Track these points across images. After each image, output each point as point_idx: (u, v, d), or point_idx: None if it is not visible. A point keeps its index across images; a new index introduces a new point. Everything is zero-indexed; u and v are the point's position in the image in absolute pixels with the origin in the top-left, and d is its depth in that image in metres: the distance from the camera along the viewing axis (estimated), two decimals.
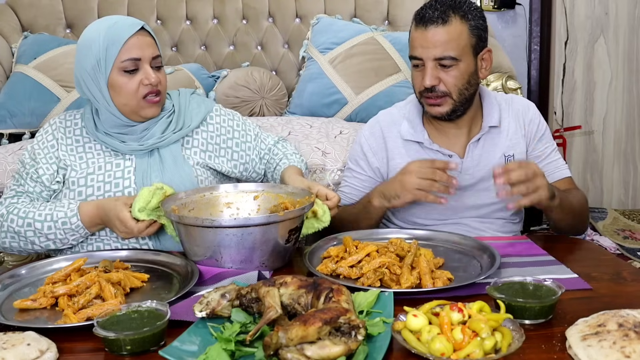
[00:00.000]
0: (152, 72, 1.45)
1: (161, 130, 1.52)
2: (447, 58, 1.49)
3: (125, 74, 1.44)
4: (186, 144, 1.57)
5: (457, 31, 1.49)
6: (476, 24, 1.52)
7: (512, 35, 3.28)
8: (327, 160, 2.10)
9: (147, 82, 1.44)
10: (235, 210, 1.41)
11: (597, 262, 1.30)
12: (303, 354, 0.82)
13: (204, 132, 1.60)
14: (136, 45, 1.44)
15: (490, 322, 0.87)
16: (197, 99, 1.65)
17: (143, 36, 1.46)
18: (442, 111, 1.55)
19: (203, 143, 1.59)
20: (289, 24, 2.88)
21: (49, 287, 1.12)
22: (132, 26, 1.44)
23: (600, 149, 3.55)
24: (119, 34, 1.43)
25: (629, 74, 3.48)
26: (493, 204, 1.62)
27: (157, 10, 2.86)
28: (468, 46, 1.51)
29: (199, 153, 1.57)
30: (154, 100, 1.48)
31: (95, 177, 1.48)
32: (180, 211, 1.32)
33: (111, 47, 1.42)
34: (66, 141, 1.53)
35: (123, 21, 1.46)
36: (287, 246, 1.26)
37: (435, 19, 1.49)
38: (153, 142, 1.50)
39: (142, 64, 1.45)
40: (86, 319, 1.03)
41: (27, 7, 2.81)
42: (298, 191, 1.38)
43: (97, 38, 1.43)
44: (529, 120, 1.65)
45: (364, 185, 1.69)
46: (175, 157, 1.53)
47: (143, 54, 1.44)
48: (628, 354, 0.82)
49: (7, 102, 2.41)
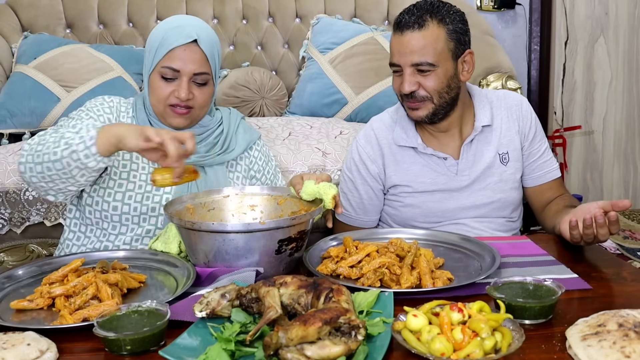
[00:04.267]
0: (186, 88, 1.43)
1: (206, 149, 1.53)
2: (425, 64, 1.48)
3: (162, 79, 1.45)
4: (230, 167, 1.59)
5: (434, 36, 1.48)
6: (455, 28, 1.50)
7: (512, 35, 3.29)
8: (327, 160, 2.10)
9: (177, 95, 1.44)
10: (259, 214, 1.40)
11: (597, 262, 1.29)
12: (303, 354, 0.82)
13: (247, 158, 1.62)
14: (181, 57, 1.43)
15: (490, 322, 0.87)
16: (245, 125, 1.66)
17: (192, 51, 1.43)
18: (421, 115, 1.54)
19: (245, 170, 1.61)
20: (289, 24, 2.88)
21: (45, 287, 1.12)
22: (185, 37, 1.43)
23: (600, 149, 3.55)
24: (170, 39, 1.43)
25: (629, 74, 3.48)
26: (491, 203, 1.62)
27: (157, 10, 2.86)
28: (446, 51, 1.49)
29: (241, 179, 1.59)
30: (180, 112, 1.46)
31: (139, 174, 1.48)
32: (196, 210, 1.33)
33: (160, 50, 1.44)
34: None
35: (180, 29, 1.44)
36: (280, 256, 1.20)
37: (412, 24, 1.47)
38: (194, 161, 1.49)
39: (181, 76, 1.44)
40: (82, 319, 1.03)
41: (27, 7, 2.81)
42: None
43: (157, 34, 1.46)
44: (522, 116, 1.65)
45: (369, 195, 1.68)
46: (220, 178, 1.53)
47: (184, 68, 1.43)
48: (628, 354, 0.82)
49: (7, 102, 2.41)
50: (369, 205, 1.69)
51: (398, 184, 1.64)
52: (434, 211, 1.62)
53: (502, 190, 1.63)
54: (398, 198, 1.65)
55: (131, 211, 1.46)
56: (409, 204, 1.64)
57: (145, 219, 1.47)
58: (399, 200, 1.65)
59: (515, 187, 1.65)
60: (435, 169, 1.61)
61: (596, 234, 1.27)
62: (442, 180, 1.61)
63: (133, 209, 1.46)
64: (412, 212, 1.64)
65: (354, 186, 1.69)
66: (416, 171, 1.62)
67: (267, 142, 2.13)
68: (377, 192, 1.67)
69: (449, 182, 1.61)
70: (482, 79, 2.45)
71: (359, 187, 1.68)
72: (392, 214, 1.68)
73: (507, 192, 1.63)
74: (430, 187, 1.61)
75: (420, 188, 1.62)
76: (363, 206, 1.69)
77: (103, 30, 2.86)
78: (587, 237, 1.28)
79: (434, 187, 1.61)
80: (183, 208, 1.32)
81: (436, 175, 1.61)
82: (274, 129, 2.25)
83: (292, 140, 2.17)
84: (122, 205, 1.46)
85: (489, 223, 1.64)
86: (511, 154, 1.62)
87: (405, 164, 1.63)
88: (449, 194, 1.61)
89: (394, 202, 1.67)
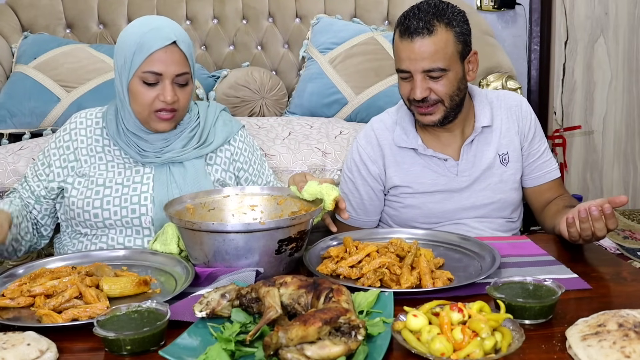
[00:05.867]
0: (170, 91, 1.42)
1: (182, 144, 1.51)
2: (436, 70, 1.47)
3: (144, 85, 1.42)
4: (209, 160, 1.57)
5: (444, 40, 1.46)
6: (461, 30, 1.50)
7: (512, 35, 3.29)
8: (327, 160, 2.10)
9: (162, 98, 1.42)
10: (259, 214, 1.39)
11: (597, 262, 1.29)
12: (303, 354, 0.82)
13: (227, 151, 1.60)
14: (161, 60, 1.40)
15: (490, 322, 0.87)
16: (225, 117, 1.63)
17: (172, 52, 1.41)
18: (434, 119, 1.53)
19: (225, 162, 1.59)
20: (289, 24, 2.88)
21: (25, 286, 1.12)
22: (163, 40, 1.40)
23: (600, 149, 3.55)
24: (148, 44, 1.39)
25: (629, 74, 3.48)
26: (491, 204, 1.62)
27: (157, 10, 2.86)
28: (455, 54, 1.49)
29: (220, 171, 1.57)
30: (166, 117, 1.45)
31: (114, 179, 1.48)
32: (196, 210, 1.32)
33: (138, 55, 1.40)
34: (87, 141, 1.53)
35: (157, 31, 1.41)
36: (280, 256, 1.20)
37: (421, 30, 1.45)
38: (171, 157, 1.49)
39: (163, 79, 1.42)
40: (72, 319, 1.03)
41: (27, 7, 2.81)
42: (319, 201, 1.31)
43: (131, 39, 1.41)
44: (522, 116, 1.65)
45: (369, 196, 1.68)
46: (198, 171, 1.52)
47: (166, 70, 1.41)
48: (628, 354, 0.82)
49: (7, 102, 2.41)
50: (369, 205, 1.69)
51: (398, 185, 1.64)
52: (434, 212, 1.62)
53: (502, 190, 1.63)
54: (398, 199, 1.65)
55: (112, 216, 1.46)
56: (409, 204, 1.64)
57: (127, 221, 1.47)
58: (399, 201, 1.65)
59: (515, 187, 1.65)
60: (436, 170, 1.61)
61: (593, 230, 1.27)
62: (443, 181, 1.61)
63: (113, 213, 1.46)
64: (413, 212, 1.63)
65: (354, 187, 1.69)
66: (416, 172, 1.62)
67: (266, 141, 2.13)
68: (377, 193, 1.67)
69: (449, 183, 1.61)
70: (482, 79, 2.45)
71: (360, 187, 1.68)
72: (393, 214, 1.68)
73: (507, 193, 1.63)
74: (430, 188, 1.61)
75: (421, 189, 1.62)
76: (363, 207, 1.69)
77: (103, 30, 2.86)
78: (585, 233, 1.28)
79: (434, 188, 1.61)
80: (183, 208, 1.32)
81: (436, 176, 1.61)
82: (274, 129, 2.25)
83: (292, 140, 2.17)
84: (101, 212, 1.46)
85: (489, 223, 1.64)
86: (511, 155, 1.62)
87: (406, 164, 1.63)
88: (449, 194, 1.61)
89: (394, 203, 1.67)
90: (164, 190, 1.47)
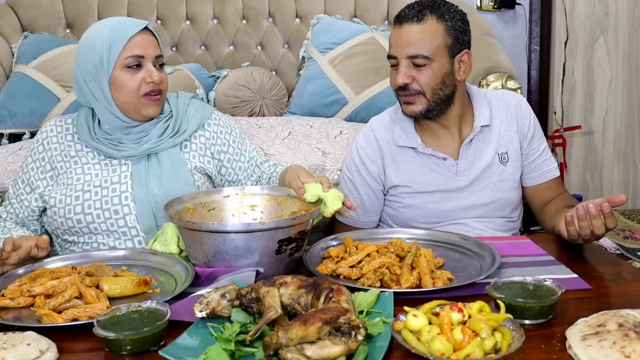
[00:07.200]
0: (155, 71, 1.47)
1: (158, 134, 1.52)
2: (420, 57, 1.49)
3: (129, 70, 1.45)
4: (184, 148, 1.56)
5: (432, 30, 1.50)
6: (454, 25, 1.51)
7: (512, 35, 3.29)
8: (327, 160, 2.10)
9: (149, 80, 1.45)
10: (259, 214, 1.40)
11: (597, 262, 1.29)
12: (303, 354, 0.82)
13: (202, 136, 1.59)
14: (140, 43, 1.45)
15: (490, 322, 0.87)
16: (196, 103, 1.64)
17: (147, 35, 1.48)
18: (415, 109, 1.55)
19: (201, 148, 1.58)
20: (289, 24, 2.88)
21: (25, 286, 1.12)
22: (136, 25, 1.46)
23: (600, 149, 3.55)
24: (123, 31, 1.44)
25: (628, 74, 3.47)
26: (491, 203, 1.62)
27: (157, 10, 2.86)
28: (442, 46, 1.51)
29: (197, 157, 1.57)
30: (155, 99, 1.48)
31: (92, 182, 1.48)
32: (196, 210, 1.32)
33: (115, 45, 1.43)
34: (60, 147, 1.53)
35: (127, 20, 1.49)
36: (280, 256, 1.20)
37: (411, 17, 1.50)
38: (148, 147, 1.50)
39: (145, 62, 1.46)
40: (72, 319, 1.03)
41: (27, 7, 2.81)
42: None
43: (101, 36, 1.44)
44: (521, 116, 1.65)
45: (369, 196, 1.68)
46: (174, 161, 1.52)
47: (146, 52, 1.46)
48: (628, 354, 0.82)
49: (7, 102, 2.41)
50: (369, 205, 1.69)
51: (398, 185, 1.64)
52: (434, 212, 1.62)
53: (501, 190, 1.63)
54: (398, 199, 1.65)
55: (95, 219, 1.46)
56: (408, 204, 1.64)
57: (112, 223, 1.47)
58: (398, 201, 1.65)
59: (514, 186, 1.65)
60: (435, 169, 1.61)
61: (592, 229, 1.27)
62: (442, 180, 1.61)
63: (96, 217, 1.46)
64: (412, 212, 1.63)
65: (354, 187, 1.69)
66: (416, 172, 1.62)
67: (266, 141, 2.13)
68: (377, 193, 1.67)
69: (448, 182, 1.61)
70: (482, 79, 2.45)
71: (359, 187, 1.68)
72: (392, 214, 1.68)
73: (507, 192, 1.63)
74: (429, 187, 1.61)
75: (420, 189, 1.62)
76: (363, 207, 1.69)
77: None
78: (583, 232, 1.28)
79: (433, 187, 1.61)
80: (183, 208, 1.33)
81: (436, 175, 1.61)
82: (273, 129, 2.25)
83: (292, 140, 2.17)
84: (84, 217, 1.46)
85: (488, 223, 1.64)
86: (510, 154, 1.62)
87: (405, 164, 1.63)
88: (448, 194, 1.61)
89: (394, 203, 1.67)
90: (143, 187, 1.47)
